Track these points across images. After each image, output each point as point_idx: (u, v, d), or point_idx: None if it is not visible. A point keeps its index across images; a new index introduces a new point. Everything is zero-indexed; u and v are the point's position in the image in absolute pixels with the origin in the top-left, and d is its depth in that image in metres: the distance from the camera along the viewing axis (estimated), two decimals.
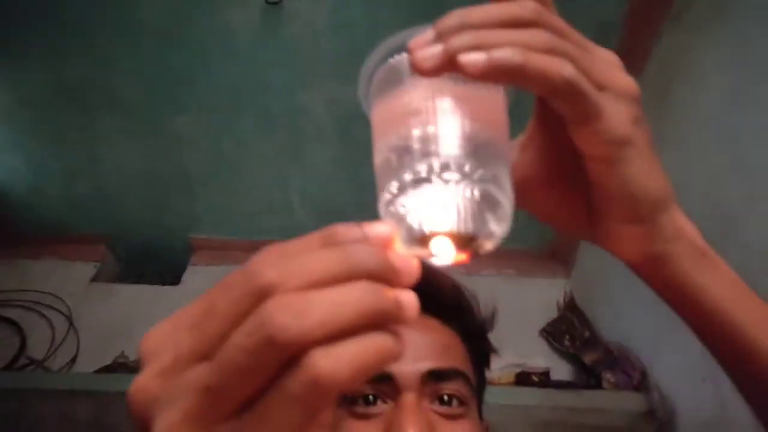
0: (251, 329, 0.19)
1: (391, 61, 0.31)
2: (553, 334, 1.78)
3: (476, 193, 0.27)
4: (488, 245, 0.29)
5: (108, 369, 1.77)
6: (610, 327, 1.71)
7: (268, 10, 1.52)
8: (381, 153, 0.29)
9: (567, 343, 1.73)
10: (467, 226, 0.27)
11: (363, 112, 0.32)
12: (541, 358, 1.73)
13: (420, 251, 0.28)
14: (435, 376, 0.52)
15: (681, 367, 1.35)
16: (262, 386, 0.20)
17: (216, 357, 0.20)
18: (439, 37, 0.27)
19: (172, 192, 1.99)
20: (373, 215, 0.28)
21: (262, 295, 0.20)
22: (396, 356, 0.21)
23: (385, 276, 0.22)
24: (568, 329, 1.76)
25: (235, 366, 0.19)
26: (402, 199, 0.28)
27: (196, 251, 2.12)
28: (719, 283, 0.35)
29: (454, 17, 0.27)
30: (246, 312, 0.20)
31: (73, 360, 1.86)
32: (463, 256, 0.28)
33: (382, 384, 0.51)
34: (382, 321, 0.21)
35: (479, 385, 0.60)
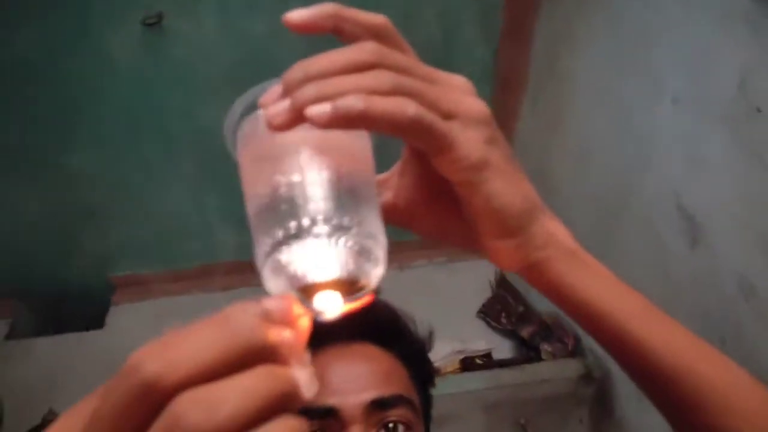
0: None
1: (252, 115, 0.31)
2: (489, 314, 1.81)
3: (348, 242, 0.29)
4: (370, 285, 0.30)
5: (37, 429, 1.66)
6: (541, 297, 1.74)
7: (147, 31, 1.45)
8: (252, 205, 0.30)
9: (504, 320, 1.77)
10: (343, 275, 0.29)
11: None
12: (482, 340, 1.75)
13: (307, 303, 0.28)
14: (379, 405, 0.53)
15: None
16: None
17: None
18: (287, 92, 0.27)
19: (80, 232, 1.88)
20: None
21: (149, 389, 0.19)
22: None
23: (278, 353, 0.21)
24: (503, 307, 1.80)
25: None
26: (279, 254, 0.28)
27: (117, 290, 2.01)
28: (591, 280, 0.37)
29: (298, 69, 0.28)
30: (138, 411, 0.19)
31: None
32: (355, 303, 0.29)
33: (327, 419, 0.51)
34: (284, 405, 0.20)
35: (424, 406, 0.61)
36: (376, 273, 0.30)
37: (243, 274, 1.99)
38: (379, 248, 0.29)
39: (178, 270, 1.98)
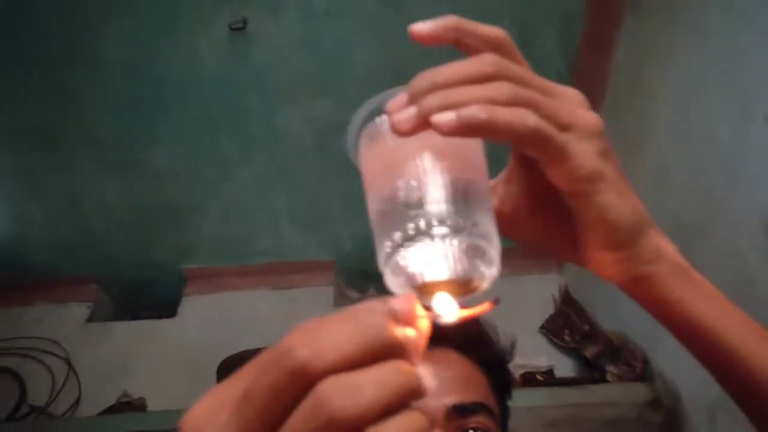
0: (311, 412, 0.20)
1: (375, 121, 0.33)
2: (552, 330, 1.77)
3: (463, 244, 0.30)
4: (483, 285, 0.31)
5: (112, 409, 1.76)
6: (608, 316, 1.70)
7: (233, 36, 1.52)
8: (373, 208, 0.32)
9: (567, 338, 1.72)
10: (459, 274, 0.30)
11: (341, 126, 0.34)
12: (543, 356, 1.72)
13: (426, 301, 0.29)
14: (459, 411, 0.54)
15: (682, 352, 1.34)
16: None
17: None
18: (413, 99, 0.29)
19: (159, 225, 1.98)
20: (362, 227, 0.31)
21: (300, 373, 0.20)
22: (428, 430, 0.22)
23: (405, 350, 0.23)
24: (567, 324, 1.75)
25: None
26: (398, 255, 0.30)
27: (189, 281, 2.11)
28: (699, 297, 0.37)
29: (424, 79, 0.29)
30: (289, 392, 0.20)
31: (77, 403, 1.85)
32: (468, 312, 0.30)
33: None
34: (410, 399, 0.22)
35: (502, 415, 0.61)
36: (490, 273, 0.31)
37: (306, 272, 2.05)
38: (494, 249, 0.30)
39: (246, 265, 2.05)
